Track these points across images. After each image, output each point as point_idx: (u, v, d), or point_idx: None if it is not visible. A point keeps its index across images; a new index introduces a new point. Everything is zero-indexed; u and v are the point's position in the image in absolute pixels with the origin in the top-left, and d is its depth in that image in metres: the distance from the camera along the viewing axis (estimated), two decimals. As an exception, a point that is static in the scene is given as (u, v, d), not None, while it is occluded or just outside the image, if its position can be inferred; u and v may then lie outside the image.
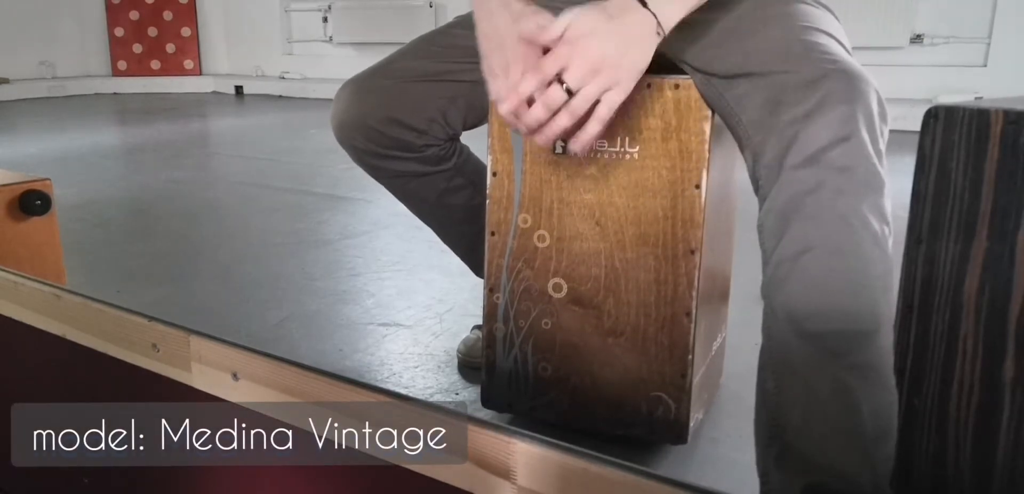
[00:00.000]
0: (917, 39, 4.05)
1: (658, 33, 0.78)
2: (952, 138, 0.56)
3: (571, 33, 0.78)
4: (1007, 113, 0.53)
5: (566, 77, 0.77)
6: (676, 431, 0.99)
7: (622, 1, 0.78)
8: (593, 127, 0.80)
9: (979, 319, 0.56)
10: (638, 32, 0.78)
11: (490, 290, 1.06)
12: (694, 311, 0.95)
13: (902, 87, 3.90)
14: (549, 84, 0.78)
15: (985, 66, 3.91)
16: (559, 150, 0.98)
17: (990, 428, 0.57)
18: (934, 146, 0.57)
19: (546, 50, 0.81)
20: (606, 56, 0.77)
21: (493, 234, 1.04)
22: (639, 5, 0.78)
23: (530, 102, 0.82)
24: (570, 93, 0.78)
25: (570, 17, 0.79)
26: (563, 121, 0.79)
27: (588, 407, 1.04)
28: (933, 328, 0.59)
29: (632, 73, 0.79)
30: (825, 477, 0.74)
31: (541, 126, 0.80)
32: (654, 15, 0.77)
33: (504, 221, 1.03)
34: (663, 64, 0.88)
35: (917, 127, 0.59)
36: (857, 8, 3.93)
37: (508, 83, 0.83)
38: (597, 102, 0.79)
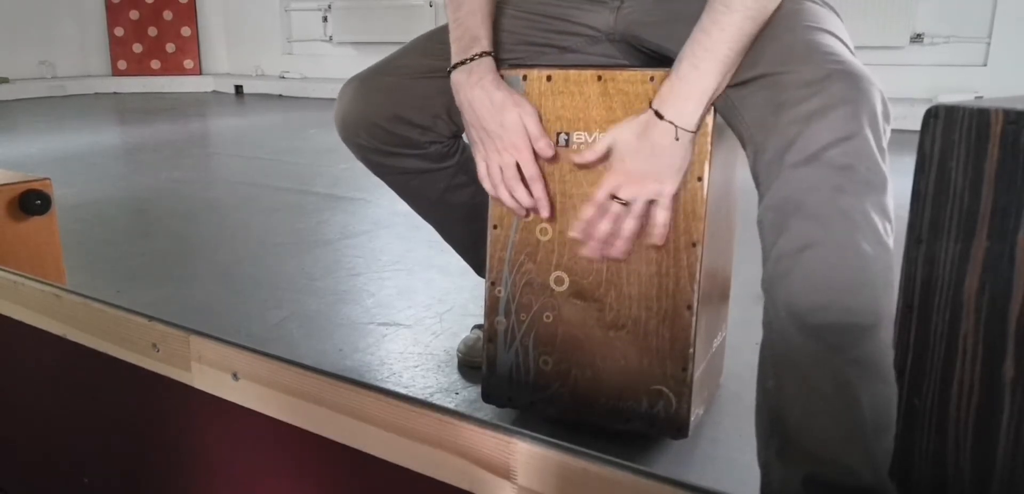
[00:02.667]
0: (917, 39, 4.05)
1: (680, 137, 0.86)
2: (952, 138, 0.56)
3: (613, 160, 0.91)
4: (1007, 113, 0.53)
5: (620, 195, 0.90)
6: (677, 425, 1.00)
7: (645, 118, 0.88)
8: (662, 216, 0.91)
9: (979, 319, 0.56)
10: (664, 142, 0.87)
11: (492, 283, 1.06)
12: (696, 304, 0.95)
13: (902, 87, 3.91)
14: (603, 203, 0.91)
15: (985, 66, 3.91)
16: (562, 142, 0.98)
17: (990, 428, 0.57)
18: (934, 146, 0.57)
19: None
20: (645, 171, 0.89)
21: (495, 228, 1.04)
22: (657, 119, 0.86)
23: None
24: (625, 204, 0.91)
25: (609, 141, 0.92)
26: (630, 225, 0.92)
27: (589, 401, 1.04)
28: (933, 328, 0.59)
29: (671, 175, 0.89)
30: (825, 469, 0.74)
31: (611, 236, 0.93)
32: (672, 123, 0.86)
33: (506, 215, 1.03)
34: (668, 60, 0.89)
35: (917, 127, 0.59)
36: (857, 8, 3.93)
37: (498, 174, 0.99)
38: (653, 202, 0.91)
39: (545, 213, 0.99)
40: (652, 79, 0.92)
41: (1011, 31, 3.81)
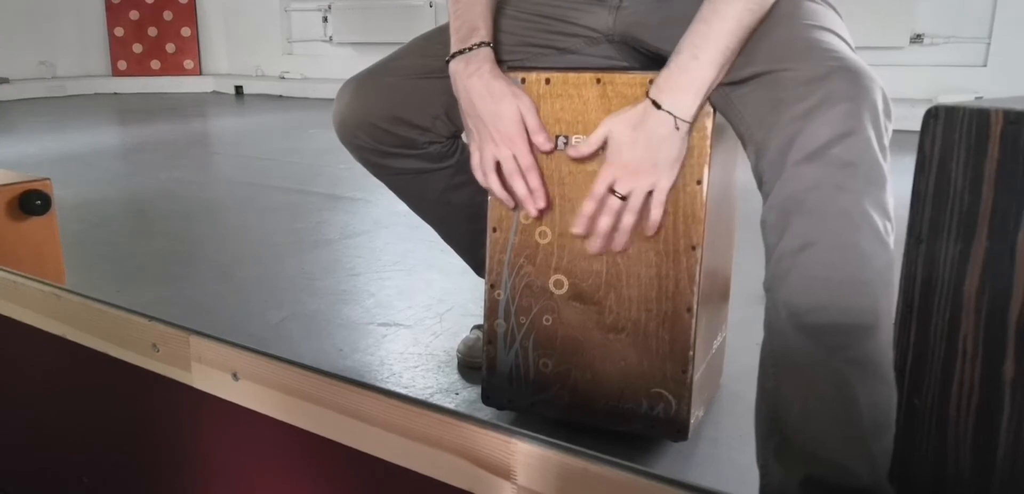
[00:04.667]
0: (917, 39, 4.05)
1: (678, 127, 0.86)
2: (952, 138, 0.56)
3: (609, 152, 0.91)
4: (1007, 113, 0.53)
5: (617, 189, 0.90)
6: (677, 427, 1.00)
7: (642, 108, 0.88)
8: (656, 212, 0.92)
9: (979, 319, 0.56)
10: (661, 132, 0.87)
11: (491, 286, 1.06)
12: (695, 307, 0.95)
13: (902, 87, 3.90)
14: (604, 199, 0.92)
15: (985, 66, 3.91)
16: (561, 145, 0.98)
17: (990, 428, 0.57)
18: (934, 146, 0.57)
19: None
20: (641, 161, 0.89)
21: (495, 230, 1.04)
22: (655, 109, 0.86)
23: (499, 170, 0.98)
24: (623, 198, 0.91)
25: (604, 132, 0.91)
26: (629, 220, 0.92)
27: (589, 403, 1.04)
28: (933, 328, 0.59)
29: (668, 166, 0.89)
30: (824, 469, 0.74)
31: (616, 233, 0.94)
32: (669, 113, 0.85)
33: (506, 217, 1.03)
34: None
35: (917, 127, 0.59)
36: (857, 8, 3.93)
37: (485, 161, 0.98)
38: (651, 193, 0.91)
39: (541, 204, 0.98)
40: (651, 82, 0.91)
41: (1011, 31, 3.81)
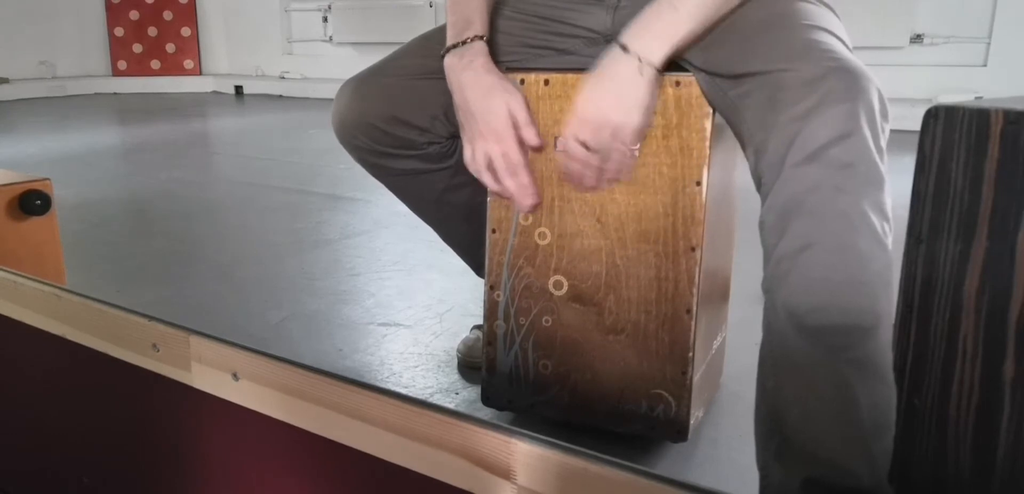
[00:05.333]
0: (917, 39, 4.05)
1: (642, 71, 0.85)
2: (952, 138, 0.56)
3: (576, 104, 0.89)
4: (1007, 113, 0.53)
5: (579, 137, 0.89)
6: (676, 428, 1.00)
7: (609, 56, 0.87)
8: (617, 156, 0.91)
9: (979, 319, 0.56)
10: (624, 75, 0.86)
11: (491, 288, 1.06)
12: (695, 308, 0.95)
13: (902, 87, 3.90)
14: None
15: (985, 66, 3.91)
16: (560, 147, 0.98)
17: (990, 428, 0.57)
18: (934, 146, 0.57)
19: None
20: (602, 109, 0.88)
21: (494, 232, 1.04)
22: (621, 52, 0.86)
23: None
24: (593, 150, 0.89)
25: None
26: (594, 165, 0.91)
27: (588, 404, 1.04)
28: (933, 328, 0.59)
29: (631, 111, 0.87)
30: (824, 471, 0.74)
31: (584, 177, 0.93)
32: (636, 56, 0.85)
33: (505, 218, 1.03)
34: (667, 63, 0.88)
35: (917, 127, 0.59)
36: (857, 8, 3.93)
37: (477, 156, 0.97)
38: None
39: (530, 201, 0.98)
40: None
41: (1011, 31, 3.81)
